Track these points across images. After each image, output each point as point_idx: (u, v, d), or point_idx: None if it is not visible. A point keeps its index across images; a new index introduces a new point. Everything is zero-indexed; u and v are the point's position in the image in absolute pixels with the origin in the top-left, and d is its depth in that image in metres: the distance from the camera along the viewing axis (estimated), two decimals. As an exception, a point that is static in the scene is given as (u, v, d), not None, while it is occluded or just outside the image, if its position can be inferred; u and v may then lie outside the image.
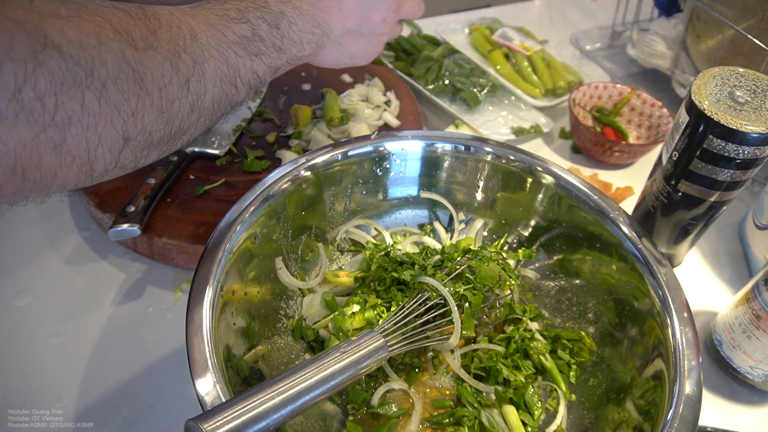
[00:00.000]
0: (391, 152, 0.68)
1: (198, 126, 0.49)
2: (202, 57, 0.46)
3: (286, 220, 0.62)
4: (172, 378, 0.62)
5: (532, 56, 1.00)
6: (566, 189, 0.65)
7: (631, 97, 0.95)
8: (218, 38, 0.48)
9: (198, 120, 0.48)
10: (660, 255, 0.57)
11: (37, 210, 0.78)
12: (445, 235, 0.72)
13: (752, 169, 0.58)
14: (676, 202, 0.65)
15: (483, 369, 0.60)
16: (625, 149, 0.88)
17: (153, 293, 0.70)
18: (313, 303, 0.63)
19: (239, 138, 0.85)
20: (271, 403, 0.42)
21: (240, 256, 0.55)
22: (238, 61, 0.50)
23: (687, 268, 0.78)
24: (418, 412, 0.57)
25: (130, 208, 0.67)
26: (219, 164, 0.81)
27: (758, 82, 0.58)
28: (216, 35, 0.48)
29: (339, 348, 0.48)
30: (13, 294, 0.68)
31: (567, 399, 0.59)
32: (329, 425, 0.56)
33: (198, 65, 0.46)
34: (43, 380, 0.61)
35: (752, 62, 0.82)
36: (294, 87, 0.96)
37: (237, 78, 0.50)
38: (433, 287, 0.56)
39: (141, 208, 0.68)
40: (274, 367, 0.57)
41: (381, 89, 0.95)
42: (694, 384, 0.48)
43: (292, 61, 0.56)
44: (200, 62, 0.46)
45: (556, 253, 0.68)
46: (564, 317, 0.66)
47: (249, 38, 0.51)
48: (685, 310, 0.53)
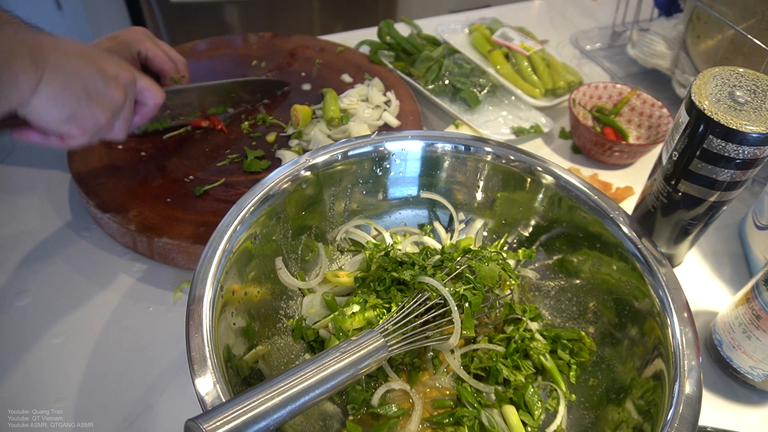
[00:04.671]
0: (391, 152, 0.68)
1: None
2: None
3: (286, 220, 0.62)
4: (172, 378, 0.62)
5: (532, 56, 1.00)
6: (566, 189, 0.65)
7: (631, 97, 0.95)
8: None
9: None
10: (660, 255, 0.57)
11: (37, 210, 0.78)
12: (445, 235, 0.72)
13: (752, 169, 0.58)
14: (676, 202, 0.65)
15: (483, 369, 0.60)
16: (625, 149, 0.88)
17: (153, 293, 0.70)
18: (313, 303, 0.63)
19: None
20: (271, 403, 0.42)
21: (240, 256, 0.55)
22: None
23: (687, 268, 0.78)
24: (418, 412, 0.57)
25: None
26: (219, 165, 0.81)
27: (758, 82, 0.58)
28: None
29: (339, 348, 0.48)
30: (13, 294, 0.68)
31: (567, 399, 0.59)
32: (329, 425, 0.56)
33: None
34: (43, 380, 0.61)
35: (752, 62, 0.82)
36: (294, 87, 0.96)
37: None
38: (433, 287, 0.56)
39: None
40: (274, 367, 0.57)
41: (381, 89, 0.95)
42: (694, 384, 0.48)
43: (1, 76, 0.52)
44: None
45: (556, 253, 0.68)
46: (564, 317, 0.66)
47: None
48: (685, 310, 0.53)
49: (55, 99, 0.57)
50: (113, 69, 0.63)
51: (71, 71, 0.58)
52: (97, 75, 0.61)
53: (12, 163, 0.84)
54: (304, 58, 1.02)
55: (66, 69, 0.58)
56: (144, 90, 0.68)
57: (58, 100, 0.58)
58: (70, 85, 0.58)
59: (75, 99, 0.59)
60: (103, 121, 0.63)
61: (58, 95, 0.57)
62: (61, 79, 0.57)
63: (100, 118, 0.62)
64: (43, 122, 0.59)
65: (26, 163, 0.84)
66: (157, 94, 0.70)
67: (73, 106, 0.59)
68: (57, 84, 0.57)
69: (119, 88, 0.63)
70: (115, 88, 0.63)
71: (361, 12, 2.10)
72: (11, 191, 0.81)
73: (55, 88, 0.57)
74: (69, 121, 0.60)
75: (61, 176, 0.82)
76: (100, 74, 0.61)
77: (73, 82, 0.58)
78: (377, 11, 2.12)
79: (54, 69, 0.56)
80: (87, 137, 0.63)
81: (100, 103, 0.62)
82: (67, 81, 0.58)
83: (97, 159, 0.78)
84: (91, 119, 0.62)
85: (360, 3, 2.09)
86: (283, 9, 1.97)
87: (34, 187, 0.81)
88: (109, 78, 0.62)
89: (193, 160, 0.81)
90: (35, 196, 0.80)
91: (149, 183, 0.76)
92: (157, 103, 0.71)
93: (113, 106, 0.63)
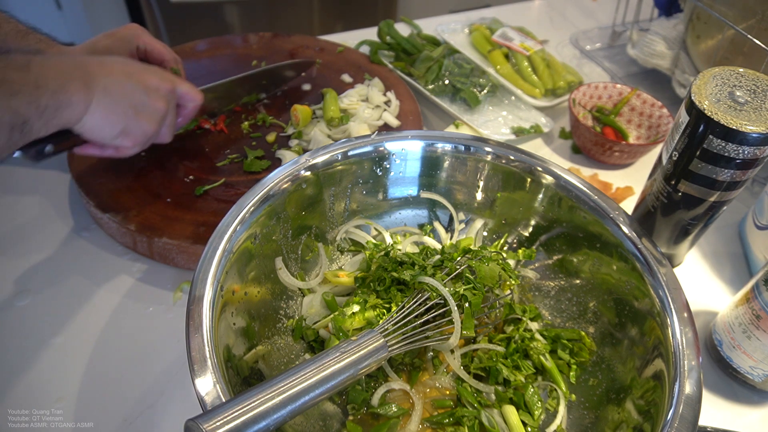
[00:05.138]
0: (391, 152, 0.68)
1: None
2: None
3: (286, 220, 0.62)
4: (172, 378, 0.62)
5: (532, 56, 1.00)
6: (566, 189, 0.65)
7: (631, 97, 0.95)
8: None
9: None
10: (660, 255, 0.57)
11: (37, 210, 0.78)
12: (445, 235, 0.72)
13: (752, 169, 0.58)
14: (676, 202, 0.65)
15: (483, 369, 0.60)
16: (625, 149, 0.88)
17: (153, 293, 0.70)
18: (313, 303, 0.63)
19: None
20: (271, 403, 0.42)
21: (240, 256, 0.55)
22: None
23: (687, 268, 0.78)
24: (418, 412, 0.57)
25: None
26: (219, 165, 0.81)
27: (758, 82, 0.58)
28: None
29: (339, 348, 0.48)
30: (13, 294, 0.68)
31: (567, 399, 0.59)
32: (329, 425, 0.56)
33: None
34: (43, 380, 0.61)
35: (752, 62, 0.82)
36: (294, 87, 0.96)
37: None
38: (433, 287, 0.56)
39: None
40: (274, 367, 0.57)
41: (381, 89, 0.95)
42: (694, 384, 0.48)
43: (57, 97, 0.57)
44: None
45: (556, 253, 0.68)
46: (564, 317, 0.66)
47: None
48: (685, 310, 0.53)
49: (105, 117, 0.63)
50: (155, 81, 0.68)
51: (118, 91, 0.64)
52: (141, 90, 0.66)
53: (12, 164, 0.84)
54: (304, 58, 1.02)
55: (113, 90, 0.63)
56: (184, 94, 0.74)
57: (108, 119, 0.64)
58: (118, 104, 0.64)
59: (124, 115, 0.65)
60: (151, 131, 0.69)
61: (109, 114, 0.63)
62: (110, 99, 0.63)
63: (147, 129, 0.68)
64: (98, 138, 0.65)
65: (26, 164, 0.84)
66: (196, 96, 0.75)
67: (123, 122, 0.65)
68: (107, 103, 0.63)
69: (161, 99, 0.69)
70: (158, 99, 0.68)
71: (361, 12, 2.10)
72: (11, 191, 0.81)
73: (106, 108, 0.63)
74: (120, 135, 0.66)
75: (61, 176, 0.82)
76: (143, 89, 0.66)
77: (121, 100, 0.64)
78: (377, 11, 2.13)
79: (103, 90, 0.62)
80: (139, 147, 0.70)
81: (146, 116, 0.67)
82: (116, 100, 0.64)
83: (97, 159, 0.78)
84: (140, 131, 0.67)
85: (360, 3, 2.09)
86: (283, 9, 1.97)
87: (34, 187, 0.81)
88: (151, 90, 0.67)
89: (193, 160, 0.81)
90: (35, 196, 0.80)
91: (149, 183, 0.77)
92: (196, 105, 0.76)
93: (158, 116, 0.69)
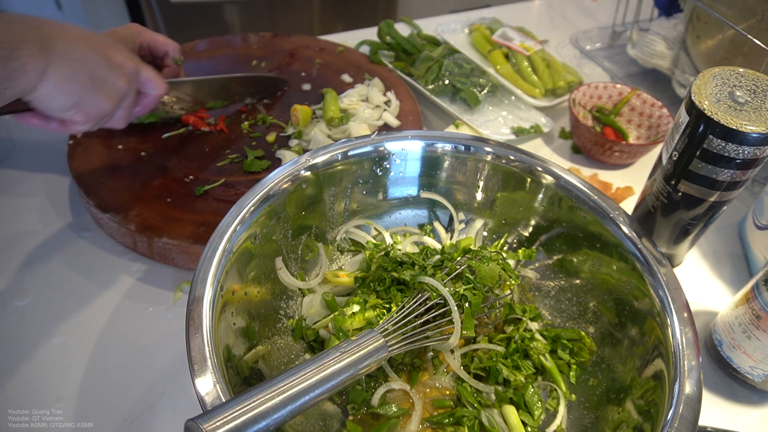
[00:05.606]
0: (391, 152, 0.68)
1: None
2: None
3: (286, 220, 0.62)
4: (172, 378, 0.62)
5: (532, 56, 1.00)
6: (566, 189, 0.65)
7: (631, 97, 0.95)
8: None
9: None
10: (660, 255, 0.57)
11: (37, 210, 0.78)
12: (445, 235, 0.72)
13: (752, 169, 0.58)
14: (676, 202, 0.65)
15: (483, 369, 0.60)
16: (625, 149, 0.88)
17: (153, 293, 0.70)
18: (313, 303, 0.63)
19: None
20: (271, 403, 0.42)
21: (240, 256, 0.55)
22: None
23: (687, 268, 0.78)
24: (418, 412, 0.57)
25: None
26: (219, 165, 0.81)
27: (758, 82, 0.58)
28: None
29: (339, 348, 0.48)
30: (13, 294, 0.68)
31: (567, 399, 0.59)
32: (329, 425, 0.56)
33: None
34: (43, 380, 0.61)
35: (752, 62, 0.82)
36: (294, 87, 0.96)
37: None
38: (433, 287, 0.56)
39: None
40: (274, 367, 0.57)
41: (381, 89, 0.95)
42: (694, 384, 0.48)
43: (8, 63, 0.52)
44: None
45: (556, 253, 0.68)
46: (564, 317, 0.66)
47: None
48: (685, 310, 0.53)
49: (61, 86, 0.58)
50: (119, 57, 0.63)
51: (78, 59, 0.59)
52: (103, 63, 0.61)
53: (12, 164, 0.84)
54: (304, 58, 1.02)
55: (73, 56, 0.58)
56: (147, 81, 0.69)
57: (64, 88, 0.58)
58: (76, 73, 0.59)
59: (81, 87, 0.60)
60: (107, 109, 0.63)
61: (65, 83, 0.58)
62: (67, 66, 0.57)
63: (104, 106, 0.63)
64: (48, 109, 0.60)
65: (26, 164, 0.84)
66: (160, 85, 0.71)
67: (78, 94, 0.60)
68: (64, 71, 0.57)
69: (124, 77, 0.64)
70: (120, 77, 0.63)
71: (361, 12, 2.10)
72: (11, 192, 0.81)
73: (62, 76, 0.57)
74: (74, 108, 0.61)
75: (61, 176, 0.82)
76: (105, 62, 0.61)
77: (80, 69, 0.59)
78: (377, 11, 2.12)
79: (61, 56, 0.57)
80: (90, 125, 0.64)
81: (105, 92, 0.62)
82: (74, 69, 0.58)
83: (97, 159, 0.78)
84: (96, 107, 0.62)
85: (360, 3, 2.09)
86: (283, 9, 1.97)
87: (34, 188, 0.81)
88: (114, 66, 0.63)
89: (193, 160, 0.81)
90: (35, 196, 0.80)
91: (149, 183, 0.76)
92: (159, 94, 0.71)
93: (118, 94, 0.64)
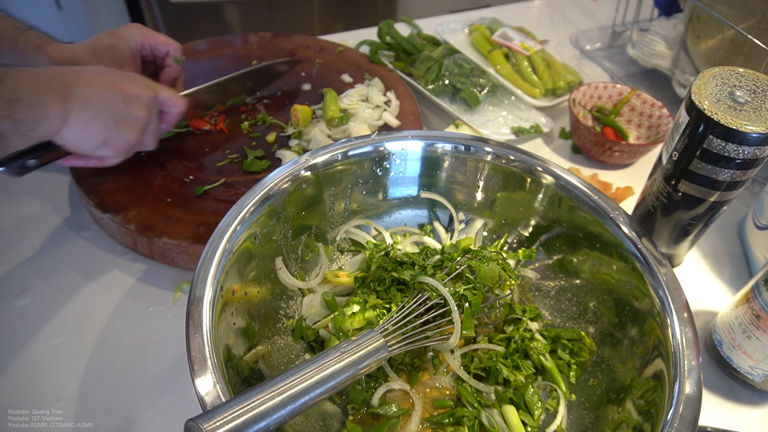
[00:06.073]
0: (391, 152, 0.68)
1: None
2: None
3: (286, 220, 0.62)
4: (172, 378, 0.62)
5: (532, 56, 1.00)
6: (566, 189, 0.65)
7: (631, 97, 0.95)
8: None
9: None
10: (660, 255, 0.57)
11: (37, 210, 0.78)
12: (445, 235, 0.72)
13: (752, 169, 0.58)
14: (676, 202, 0.65)
15: (483, 369, 0.60)
16: (625, 149, 0.88)
17: (153, 293, 0.70)
18: (313, 303, 0.63)
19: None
20: (271, 403, 0.42)
21: (240, 256, 0.55)
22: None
23: (687, 268, 0.78)
24: (418, 412, 0.57)
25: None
26: (219, 165, 0.81)
27: (758, 82, 0.58)
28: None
29: (339, 348, 0.48)
30: (13, 294, 0.68)
31: (567, 399, 0.59)
32: (329, 425, 0.56)
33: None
34: (43, 380, 0.61)
35: (752, 62, 0.82)
36: (294, 87, 0.96)
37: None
38: (433, 287, 0.56)
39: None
40: (274, 367, 0.57)
41: (381, 89, 0.95)
42: (694, 384, 0.48)
43: (33, 110, 0.56)
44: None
45: (556, 253, 0.68)
46: (564, 317, 0.66)
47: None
48: (685, 310, 0.53)
49: (84, 130, 0.62)
50: (135, 90, 0.67)
51: (97, 102, 0.63)
52: (121, 99, 0.65)
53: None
54: (304, 58, 1.02)
55: (92, 101, 0.62)
56: (166, 101, 0.72)
57: (87, 131, 0.63)
58: (97, 115, 0.63)
59: (104, 126, 0.64)
60: (134, 139, 0.68)
61: (87, 126, 0.62)
62: (88, 110, 0.62)
63: (129, 138, 0.67)
64: (79, 149, 0.64)
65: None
66: (178, 102, 0.74)
67: (103, 133, 0.64)
68: (85, 115, 0.61)
69: (143, 107, 0.67)
70: (139, 108, 0.67)
71: (361, 12, 2.10)
72: (11, 191, 0.81)
73: (84, 120, 0.61)
74: (101, 146, 0.65)
75: (61, 176, 0.82)
76: (123, 98, 0.65)
77: (100, 111, 0.63)
78: (377, 11, 2.12)
79: (81, 102, 0.61)
80: (122, 156, 0.69)
81: (127, 125, 0.66)
82: (95, 112, 0.62)
83: (97, 159, 0.79)
84: (122, 141, 0.67)
85: (360, 3, 2.09)
86: (283, 9, 1.97)
87: (34, 188, 0.81)
88: (132, 99, 0.66)
89: (193, 160, 0.81)
90: (35, 196, 0.80)
91: (149, 183, 0.76)
92: (180, 111, 0.75)
93: (140, 125, 0.68)
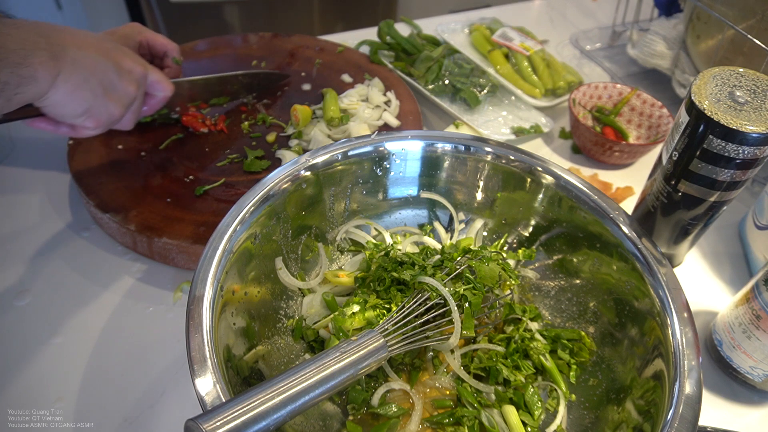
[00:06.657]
0: (391, 152, 0.68)
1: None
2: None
3: (286, 220, 0.62)
4: (172, 378, 0.62)
5: (532, 56, 1.00)
6: (566, 189, 0.65)
7: (631, 97, 0.95)
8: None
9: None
10: (660, 255, 0.57)
11: (37, 210, 0.78)
12: (445, 235, 0.72)
13: (752, 169, 0.58)
14: (676, 202, 0.65)
15: (483, 369, 0.60)
16: (625, 149, 0.88)
17: (153, 293, 0.70)
18: (313, 303, 0.63)
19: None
20: (271, 403, 0.42)
21: (240, 256, 0.55)
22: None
23: (687, 268, 0.78)
24: (418, 412, 0.57)
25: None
26: (219, 165, 0.81)
27: (758, 82, 0.58)
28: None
29: (339, 348, 0.48)
30: (13, 294, 0.68)
31: (567, 399, 0.59)
32: (329, 425, 0.56)
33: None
34: (43, 380, 0.61)
35: (752, 62, 0.82)
36: (294, 87, 0.96)
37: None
38: (433, 287, 0.56)
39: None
40: (274, 367, 0.57)
41: (381, 89, 0.95)
42: (694, 384, 0.48)
43: (19, 71, 0.53)
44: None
45: (556, 253, 0.68)
46: (564, 317, 0.66)
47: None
48: (685, 310, 0.53)
49: (72, 94, 0.58)
50: (128, 63, 0.64)
51: (88, 66, 0.59)
52: (113, 69, 0.62)
53: (12, 163, 0.84)
54: (304, 58, 1.02)
55: (83, 64, 0.59)
56: (155, 83, 0.70)
57: (75, 95, 0.59)
58: (87, 80, 0.59)
59: (91, 94, 0.61)
60: (117, 114, 0.65)
61: (76, 90, 0.59)
62: (78, 74, 0.58)
63: (114, 112, 0.64)
64: (59, 115, 0.60)
65: (26, 163, 0.84)
66: (167, 87, 0.72)
67: (89, 101, 0.61)
68: (75, 79, 0.58)
69: (133, 82, 0.65)
70: (130, 82, 0.64)
71: (361, 12, 2.10)
72: (11, 191, 0.81)
73: (73, 84, 0.58)
74: (84, 114, 0.62)
75: (61, 176, 0.82)
76: (115, 68, 0.62)
77: (90, 77, 0.60)
78: (377, 11, 2.12)
79: (72, 64, 0.57)
80: (99, 129, 0.65)
81: (114, 98, 0.63)
82: (85, 76, 0.59)
83: (97, 159, 0.78)
84: (106, 113, 0.63)
85: (360, 3, 2.09)
86: (283, 9, 1.97)
87: (34, 187, 0.81)
88: (124, 72, 0.64)
89: (193, 160, 0.81)
90: (35, 196, 0.80)
91: (149, 183, 0.76)
92: (166, 96, 0.73)
93: (127, 99, 0.65)
